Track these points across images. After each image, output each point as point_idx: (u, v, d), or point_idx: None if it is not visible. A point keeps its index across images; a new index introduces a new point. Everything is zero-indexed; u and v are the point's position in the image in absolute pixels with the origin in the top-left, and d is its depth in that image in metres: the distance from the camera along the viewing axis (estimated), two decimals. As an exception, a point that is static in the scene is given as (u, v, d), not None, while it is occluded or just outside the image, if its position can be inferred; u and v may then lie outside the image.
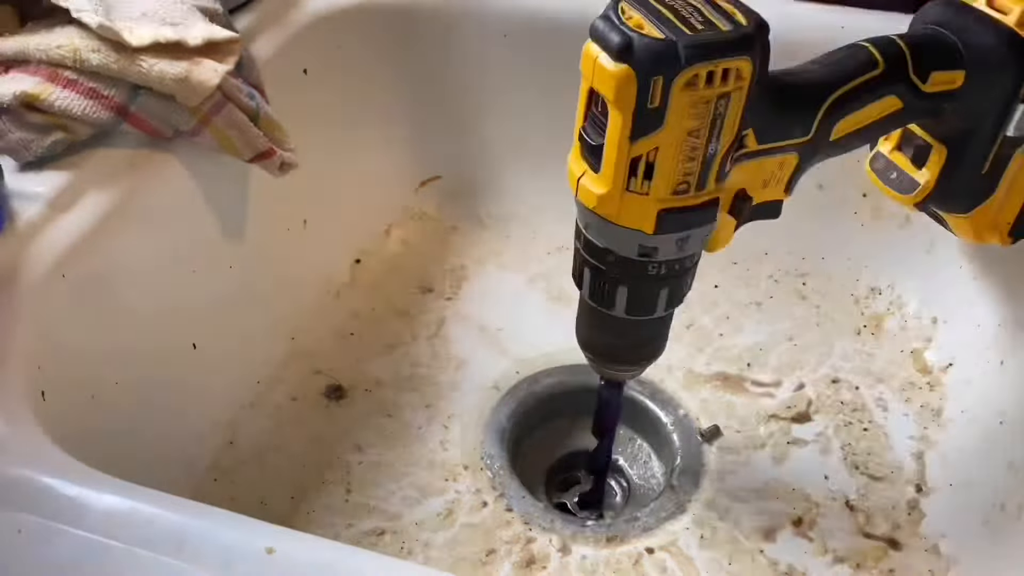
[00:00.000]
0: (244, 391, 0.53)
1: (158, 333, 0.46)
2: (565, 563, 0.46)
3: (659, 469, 0.53)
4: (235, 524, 0.31)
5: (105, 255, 0.42)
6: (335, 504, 0.49)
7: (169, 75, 0.43)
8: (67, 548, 0.29)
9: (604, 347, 0.42)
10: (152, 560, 0.29)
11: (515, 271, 0.64)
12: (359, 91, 0.63)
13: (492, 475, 0.50)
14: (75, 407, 0.40)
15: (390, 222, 0.66)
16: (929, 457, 0.51)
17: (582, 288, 0.38)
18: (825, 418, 0.53)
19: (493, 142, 0.66)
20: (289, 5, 0.59)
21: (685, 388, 0.55)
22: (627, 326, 0.39)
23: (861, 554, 0.46)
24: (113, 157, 0.45)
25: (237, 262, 0.52)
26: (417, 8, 0.62)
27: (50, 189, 0.42)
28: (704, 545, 0.47)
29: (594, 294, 0.38)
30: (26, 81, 0.42)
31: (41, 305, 0.39)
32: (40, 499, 0.30)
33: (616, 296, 0.37)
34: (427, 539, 0.47)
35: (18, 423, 0.34)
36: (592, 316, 0.40)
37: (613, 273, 0.36)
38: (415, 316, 0.60)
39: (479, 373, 0.56)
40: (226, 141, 0.46)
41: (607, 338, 0.41)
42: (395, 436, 0.53)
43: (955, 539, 0.46)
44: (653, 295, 0.37)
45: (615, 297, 0.37)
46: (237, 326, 0.53)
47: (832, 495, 0.49)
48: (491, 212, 0.68)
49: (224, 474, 0.50)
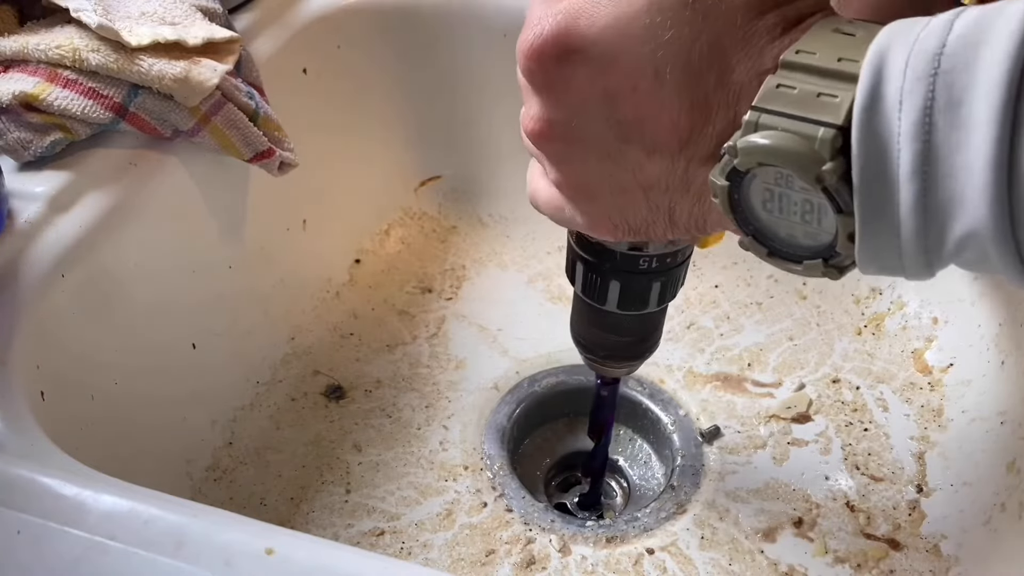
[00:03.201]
0: (243, 391, 0.53)
1: (157, 333, 0.46)
2: (565, 563, 0.46)
3: (659, 469, 0.53)
4: (234, 524, 0.30)
5: (104, 255, 0.42)
6: (334, 504, 0.49)
7: (168, 75, 0.43)
8: (66, 548, 0.29)
9: (598, 343, 0.42)
10: (151, 560, 0.29)
11: (515, 271, 0.64)
12: (359, 91, 0.63)
13: (492, 475, 0.50)
14: (74, 407, 0.40)
15: (390, 222, 0.66)
16: (930, 457, 0.51)
17: (575, 283, 0.39)
18: (825, 418, 0.53)
19: (493, 142, 0.66)
20: (289, 5, 0.59)
21: (685, 388, 0.55)
22: (620, 321, 0.39)
23: (862, 554, 0.46)
24: (112, 157, 0.45)
25: (236, 262, 0.52)
26: (417, 7, 0.62)
27: (49, 189, 0.42)
28: (704, 545, 0.47)
29: (586, 288, 0.38)
30: (25, 81, 0.42)
31: (40, 305, 0.39)
32: (39, 499, 0.30)
33: (608, 290, 0.37)
34: (426, 539, 0.47)
35: (17, 423, 0.34)
36: (585, 311, 0.40)
37: (604, 267, 0.37)
38: (415, 316, 0.60)
39: (479, 373, 0.56)
40: (225, 141, 0.46)
41: (601, 333, 0.41)
42: (395, 436, 0.53)
43: (956, 540, 0.46)
44: (645, 289, 0.37)
45: (607, 292, 0.37)
46: (236, 326, 0.53)
47: (832, 495, 0.49)
48: (491, 212, 0.68)
49: (223, 474, 0.50)
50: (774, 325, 0.59)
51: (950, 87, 0.21)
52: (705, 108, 0.26)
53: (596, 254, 0.36)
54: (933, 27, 0.21)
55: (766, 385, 0.55)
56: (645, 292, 0.37)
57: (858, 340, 0.58)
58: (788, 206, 0.25)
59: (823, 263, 0.25)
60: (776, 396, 0.55)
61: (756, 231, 0.26)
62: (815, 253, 0.25)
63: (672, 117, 0.26)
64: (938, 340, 0.56)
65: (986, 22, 0.21)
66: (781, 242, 0.26)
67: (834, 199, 0.23)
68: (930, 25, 0.22)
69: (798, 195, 0.25)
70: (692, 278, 0.58)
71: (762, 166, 0.24)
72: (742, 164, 0.24)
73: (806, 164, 0.23)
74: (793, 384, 0.55)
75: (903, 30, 0.22)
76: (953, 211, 0.21)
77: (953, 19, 0.21)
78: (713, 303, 0.61)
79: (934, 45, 0.21)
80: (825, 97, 0.23)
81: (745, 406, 0.54)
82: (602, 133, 0.28)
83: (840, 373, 0.56)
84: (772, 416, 0.53)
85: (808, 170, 0.23)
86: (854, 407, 0.54)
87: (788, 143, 0.23)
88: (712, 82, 0.25)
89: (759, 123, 0.24)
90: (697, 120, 0.26)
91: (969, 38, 0.21)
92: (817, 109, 0.23)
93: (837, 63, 0.23)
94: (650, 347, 0.42)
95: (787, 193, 0.25)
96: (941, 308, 0.56)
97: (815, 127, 0.23)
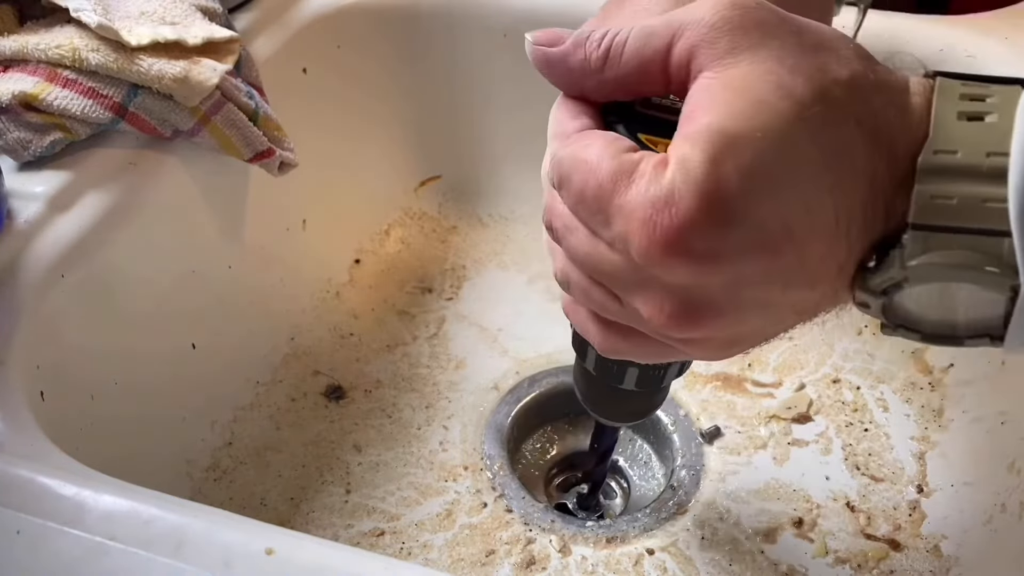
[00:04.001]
0: (243, 391, 0.53)
1: (157, 333, 0.46)
2: (565, 564, 0.46)
3: (659, 470, 0.53)
4: (234, 524, 0.30)
5: (104, 255, 0.42)
6: (334, 504, 0.49)
7: (168, 74, 0.43)
8: (66, 548, 0.29)
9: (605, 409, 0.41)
10: (151, 561, 0.29)
11: (515, 271, 0.64)
12: (359, 91, 0.63)
13: (492, 476, 0.50)
14: (74, 407, 0.40)
15: (390, 222, 0.66)
16: (930, 458, 0.51)
17: (585, 361, 0.37)
18: (826, 419, 0.53)
19: (493, 142, 0.66)
20: (289, 4, 0.59)
21: (685, 388, 0.55)
22: (634, 395, 0.38)
23: (862, 555, 0.46)
24: (112, 157, 0.45)
25: (236, 262, 0.52)
26: (418, 7, 0.62)
27: (49, 189, 0.42)
28: (704, 546, 0.47)
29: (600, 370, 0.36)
30: (25, 81, 0.42)
31: (40, 305, 0.39)
32: (39, 499, 0.30)
33: (626, 375, 0.36)
34: (426, 540, 0.47)
35: (17, 423, 0.34)
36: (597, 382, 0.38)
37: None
38: (415, 316, 0.60)
39: (479, 373, 0.56)
40: (225, 141, 0.46)
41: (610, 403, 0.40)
42: (394, 436, 0.53)
43: (956, 540, 0.46)
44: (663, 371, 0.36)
45: (624, 375, 0.36)
46: (236, 326, 0.53)
47: (833, 496, 0.49)
48: (491, 212, 0.67)
49: (223, 474, 0.50)
50: (774, 325, 0.59)
51: None
52: (861, 226, 0.24)
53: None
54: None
55: (766, 385, 0.55)
56: (663, 373, 0.36)
57: (859, 340, 0.58)
58: (951, 301, 0.23)
59: (989, 340, 0.24)
60: (776, 396, 0.55)
61: (905, 323, 0.25)
62: (976, 333, 0.24)
63: (833, 247, 0.24)
64: (938, 340, 0.56)
65: None
66: (934, 326, 0.24)
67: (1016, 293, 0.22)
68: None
69: (964, 292, 0.23)
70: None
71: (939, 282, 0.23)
72: (914, 282, 0.23)
73: (998, 279, 0.22)
74: (793, 384, 0.55)
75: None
76: None
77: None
78: (713, 303, 0.61)
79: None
80: (992, 204, 0.21)
81: (745, 406, 0.54)
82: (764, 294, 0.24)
83: (840, 373, 0.56)
84: (772, 416, 0.53)
85: (1000, 285, 0.22)
86: (854, 407, 0.54)
87: (971, 260, 0.22)
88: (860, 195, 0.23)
89: (928, 242, 0.22)
90: (855, 241, 0.24)
91: None
92: (987, 218, 0.21)
93: (987, 159, 0.21)
94: (658, 407, 0.41)
95: (952, 291, 0.23)
96: (941, 308, 0.56)
97: (997, 240, 0.21)
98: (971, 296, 0.23)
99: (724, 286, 0.24)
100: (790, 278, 0.24)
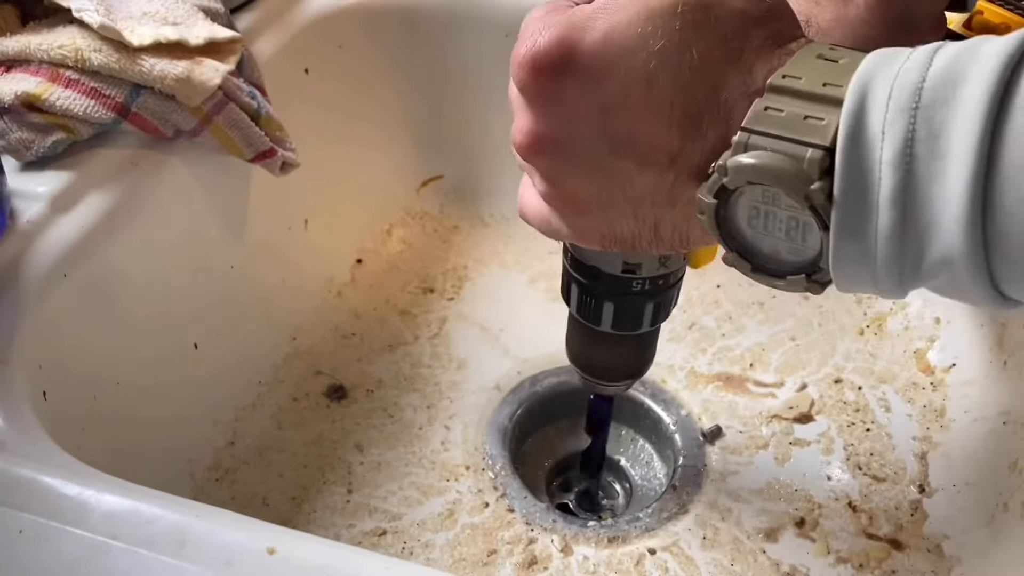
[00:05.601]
0: (245, 391, 0.53)
1: (159, 333, 0.46)
2: (566, 563, 0.46)
3: (661, 469, 0.53)
4: (236, 524, 0.31)
5: (106, 255, 0.42)
6: (336, 504, 0.49)
7: (170, 75, 0.43)
8: (68, 548, 0.29)
9: (593, 362, 0.42)
10: (153, 560, 0.29)
11: (517, 271, 0.64)
12: (360, 91, 0.63)
13: (493, 475, 0.50)
14: (76, 407, 0.40)
15: (391, 222, 0.66)
16: (932, 458, 0.50)
17: (569, 304, 0.39)
18: (828, 418, 0.53)
19: (495, 142, 0.66)
20: (291, 4, 0.59)
21: (687, 388, 0.55)
22: (614, 341, 0.39)
23: (864, 555, 0.46)
24: (114, 157, 0.45)
25: (238, 262, 0.52)
26: (419, 7, 0.62)
27: (51, 189, 0.42)
28: (706, 546, 0.47)
29: (581, 309, 0.39)
30: (27, 81, 0.42)
31: (42, 305, 0.39)
32: (41, 499, 0.30)
33: (603, 312, 0.38)
34: (428, 539, 0.47)
35: (19, 422, 0.34)
36: (580, 331, 0.40)
37: (599, 290, 0.37)
38: (416, 316, 0.60)
39: (480, 373, 0.56)
40: (227, 141, 0.46)
41: (596, 353, 0.42)
42: (396, 436, 0.53)
43: (958, 540, 0.46)
44: (639, 310, 0.38)
45: (602, 313, 0.38)
46: (238, 326, 0.53)
47: (835, 496, 0.49)
48: (493, 212, 0.68)
49: (225, 474, 0.50)
50: (776, 325, 0.59)
51: (930, 121, 0.22)
52: (696, 123, 0.26)
53: (591, 276, 0.37)
54: (914, 61, 0.22)
55: (768, 385, 0.55)
56: (639, 313, 0.38)
57: (860, 340, 0.58)
58: (773, 223, 0.26)
59: (806, 278, 0.26)
60: (778, 396, 0.55)
61: (740, 247, 0.27)
62: (798, 268, 0.26)
63: (663, 130, 0.26)
64: (940, 340, 0.56)
65: (964, 60, 0.22)
66: (764, 258, 0.27)
67: (820, 217, 0.24)
68: (911, 59, 0.23)
69: (783, 213, 0.25)
70: (694, 278, 0.58)
71: (751, 185, 0.25)
72: (731, 183, 0.25)
73: (795, 183, 0.24)
74: (795, 384, 0.55)
75: (885, 60, 0.23)
76: (929, 238, 0.22)
77: (932, 54, 0.22)
78: (715, 303, 0.61)
79: (915, 79, 0.22)
80: (812, 120, 0.24)
81: (747, 406, 0.54)
82: (594, 148, 0.28)
83: (842, 373, 0.56)
84: (774, 416, 0.53)
85: (797, 189, 0.24)
86: (856, 407, 0.54)
87: (778, 163, 0.24)
88: (703, 96, 0.26)
89: (749, 143, 0.24)
90: (688, 134, 0.26)
91: (948, 75, 0.22)
92: (805, 131, 0.24)
93: (822, 88, 0.24)
94: (644, 366, 0.43)
95: (773, 211, 0.25)
96: (943, 308, 0.56)
97: (803, 148, 0.24)
98: (790, 222, 0.25)
99: (562, 122, 0.28)
100: (620, 147, 0.27)
